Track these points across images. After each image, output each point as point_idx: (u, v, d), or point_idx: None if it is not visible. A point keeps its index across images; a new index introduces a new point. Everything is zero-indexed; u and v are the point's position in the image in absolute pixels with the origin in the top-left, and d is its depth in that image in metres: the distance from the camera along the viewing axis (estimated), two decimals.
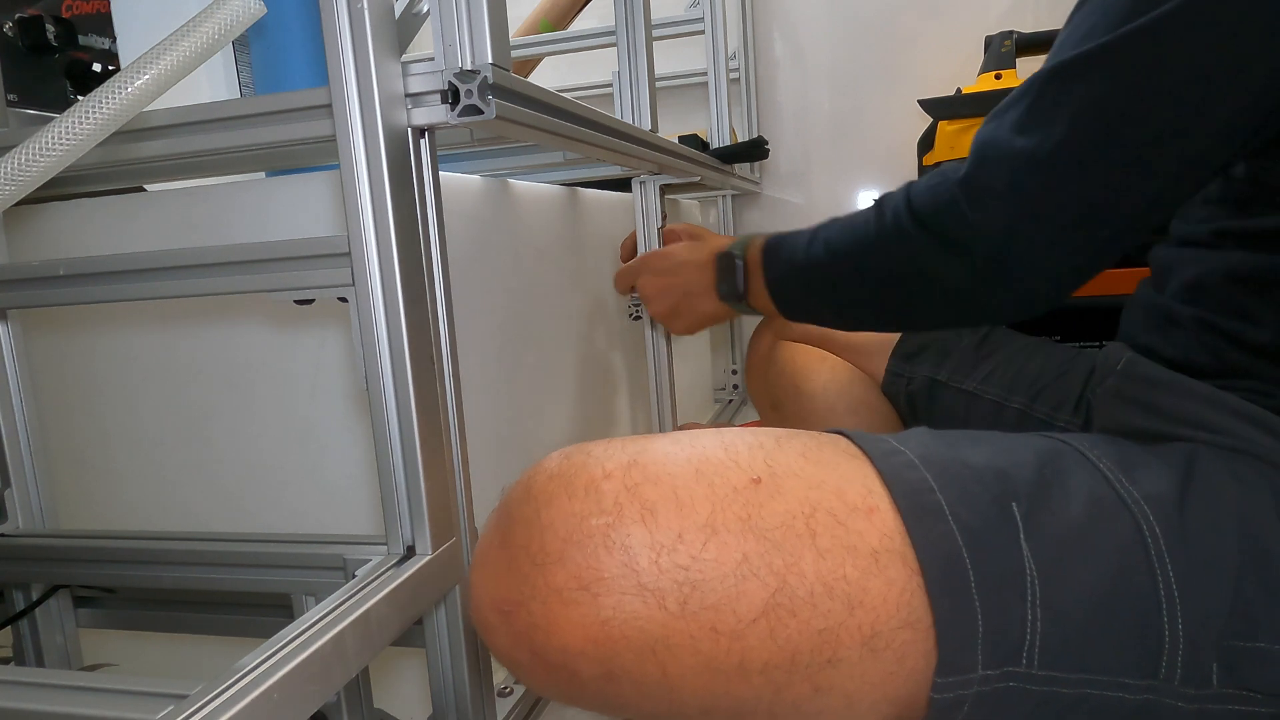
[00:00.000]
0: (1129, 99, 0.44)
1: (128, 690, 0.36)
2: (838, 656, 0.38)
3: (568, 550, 0.38)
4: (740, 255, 0.72)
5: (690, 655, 0.38)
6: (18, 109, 0.67)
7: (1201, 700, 0.38)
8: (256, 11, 0.45)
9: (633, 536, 0.38)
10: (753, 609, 0.37)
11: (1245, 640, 0.38)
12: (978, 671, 0.38)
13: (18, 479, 0.60)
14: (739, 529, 0.38)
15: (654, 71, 0.95)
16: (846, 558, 0.38)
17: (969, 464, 0.42)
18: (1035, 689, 0.38)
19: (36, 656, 0.62)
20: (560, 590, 0.38)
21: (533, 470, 0.43)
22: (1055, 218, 0.48)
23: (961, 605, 0.38)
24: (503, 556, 0.40)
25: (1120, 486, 0.42)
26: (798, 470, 0.41)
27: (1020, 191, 0.48)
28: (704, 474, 0.40)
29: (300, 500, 0.64)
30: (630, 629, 0.37)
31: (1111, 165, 0.46)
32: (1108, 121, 0.45)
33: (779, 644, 0.37)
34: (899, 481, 0.41)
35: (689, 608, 0.37)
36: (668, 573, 0.37)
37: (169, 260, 0.50)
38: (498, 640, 0.41)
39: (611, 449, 0.42)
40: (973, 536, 0.39)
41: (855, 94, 1.73)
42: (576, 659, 0.38)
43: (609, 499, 0.39)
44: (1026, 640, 0.38)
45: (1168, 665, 0.38)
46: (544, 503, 0.40)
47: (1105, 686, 0.38)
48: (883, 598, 0.38)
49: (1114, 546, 0.40)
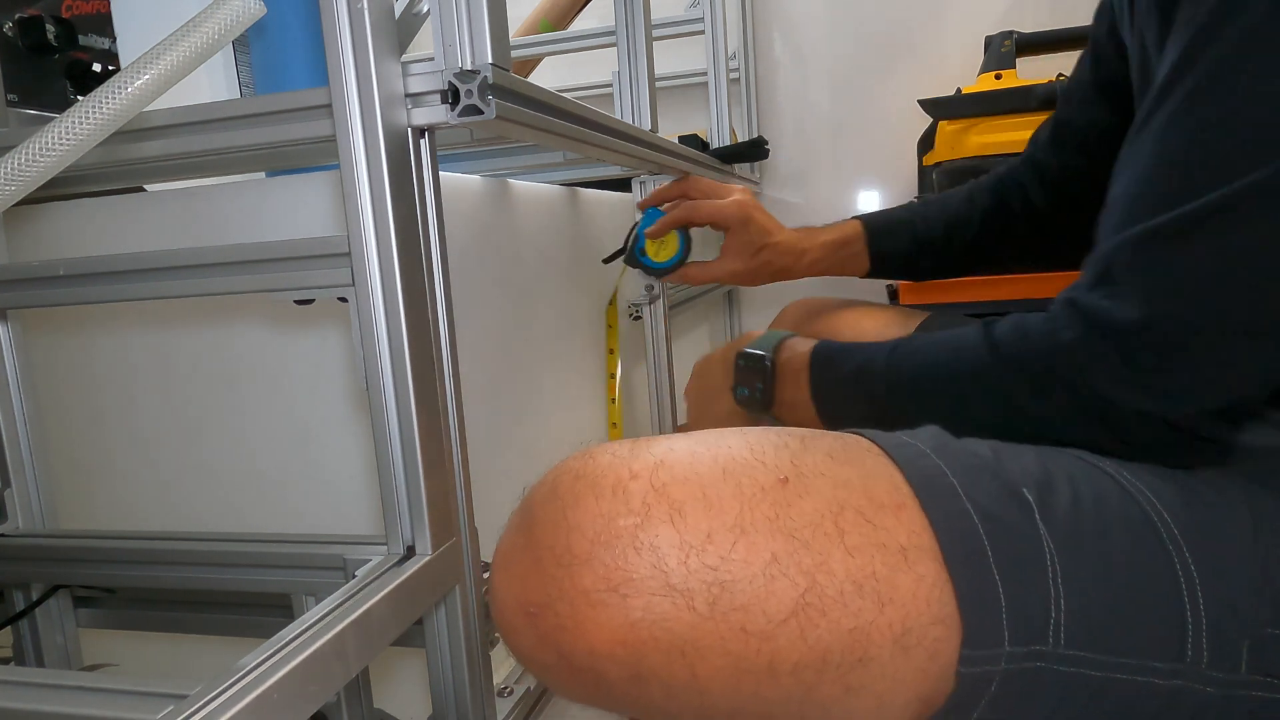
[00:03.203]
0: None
1: (128, 690, 0.36)
2: (869, 655, 0.38)
3: (596, 551, 0.38)
4: (770, 355, 0.64)
5: (720, 656, 0.37)
6: (18, 109, 0.67)
7: (1230, 686, 0.38)
8: (256, 11, 0.45)
9: (661, 537, 0.38)
10: (782, 609, 0.37)
11: (1275, 628, 0.38)
12: (1004, 647, 0.38)
13: (18, 479, 0.60)
14: (768, 529, 0.38)
15: (654, 71, 0.95)
16: (876, 555, 0.38)
17: (978, 454, 0.43)
18: (1063, 670, 0.38)
19: (36, 656, 0.62)
20: (588, 592, 0.38)
21: (557, 470, 0.42)
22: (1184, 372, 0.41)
23: (983, 581, 0.38)
24: (528, 557, 0.40)
25: (1123, 480, 0.42)
26: (824, 470, 0.41)
27: (1136, 367, 0.42)
28: (731, 474, 0.40)
29: (300, 500, 0.64)
30: (659, 630, 0.37)
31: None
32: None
33: (809, 644, 0.37)
34: (912, 469, 0.41)
35: (718, 608, 0.37)
36: (697, 573, 0.37)
37: (169, 260, 0.50)
38: (522, 642, 0.40)
39: (638, 449, 0.42)
40: (988, 516, 0.39)
41: (855, 94, 1.73)
42: (604, 661, 0.38)
43: (637, 499, 0.39)
44: (1052, 617, 0.38)
45: (1194, 647, 0.38)
46: (570, 503, 0.40)
47: (1133, 670, 0.38)
48: (913, 594, 0.38)
49: (1127, 529, 0.40)
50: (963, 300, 1.20)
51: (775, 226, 0.86)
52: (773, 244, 0.85)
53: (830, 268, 0.88)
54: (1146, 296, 0.41)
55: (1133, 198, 0.43)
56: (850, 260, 0.87)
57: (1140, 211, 0.42)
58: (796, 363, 0.62)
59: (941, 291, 1.23)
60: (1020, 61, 1.34)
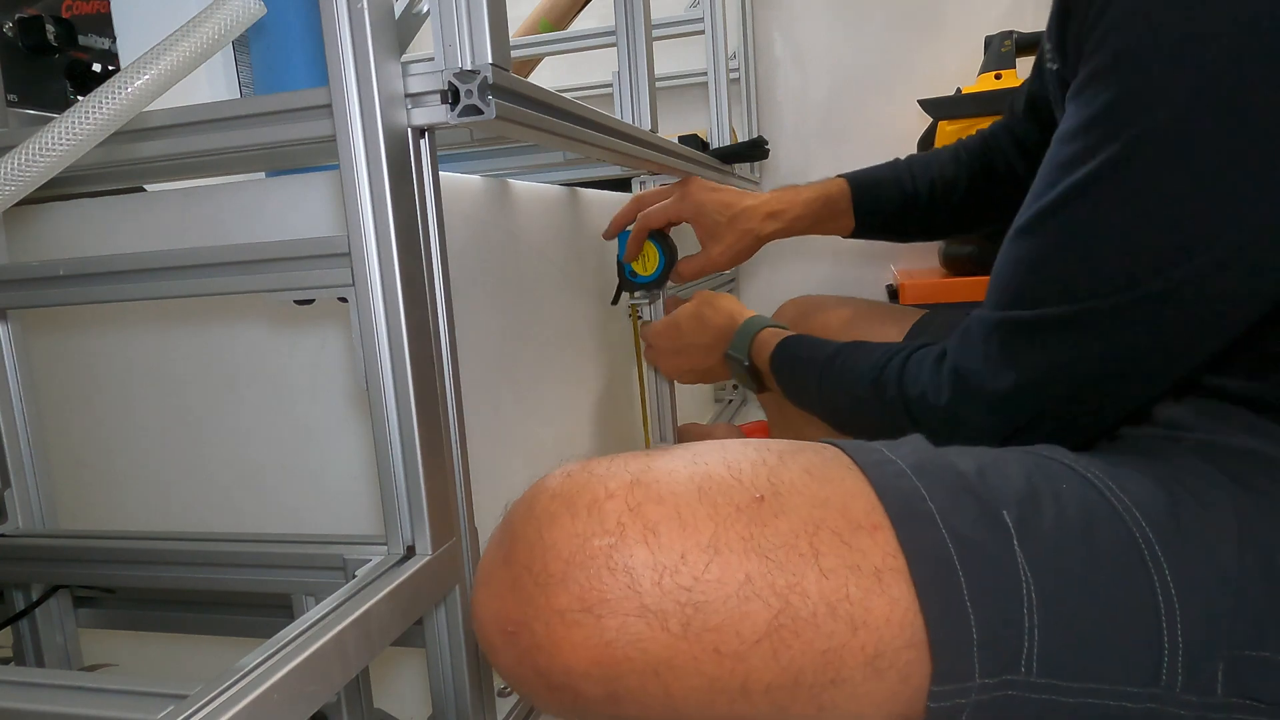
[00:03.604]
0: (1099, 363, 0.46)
1: (128, 690, 0.36)
2: (841, 677, 0.38)
3: (570, 571, 0.38)
4: (746, 360, 0.76)
5: (693, 676, 0.37)
6: (18, 109, 0.67)
7: (1205, 710, 0.38)
8: (256, 11, 0.45)
9: (635, 558, 0.38)
10: (756, 630, 0.37)
11: (1252, 649, 0.38)
12: (975, 680, 0.38)
13: (18, 479, 0.60)
14: (742, 549, 0.38)
15: (654, 71, 0.95)
16: (850, 577, 0.38)
17: (960, 471, 0.42)
18: (1036, 698, 0.38)
19: (36, 656, 0.62)
20: (563, 612, 0.38)
21: (535, 488, 0.42)
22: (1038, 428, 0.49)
23: (955, 613, 0.38)
24: (506, 576, 0.40)
25: (1110, 493, 0.41)
26: (801, 487, 0.41)
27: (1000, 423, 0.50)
28: (707, 493, 0.40)
29: (300, 500, 0.64)
30: (633, 650, 0.37)
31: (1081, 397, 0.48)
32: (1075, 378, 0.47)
33: (782, 665, 0.37)
34: (890, 491, 0.41)
35: (692, 629, 0.37)
36: (670, 594, 0.37)
37: (169, 260, 0.50)
38: (501, 660, 0.41)
39: (614, 467, 0.42)
40: (964, 544, 0.39)
41: (855, 94, 1.73)
42: (580, 680, 0.38)
43: (611, 519, 0.39)
44: (1024, 648, 0.38)
45: (1168, 671, 0.38)
46: (546, 522, 0.40)
47: (1107, 695, 0.38)
48: (886, 618, 0.38)
49: (1108, 551, 0.39)
50: (963, 300, 1.20)
51: (734, 196, 0.86)
52: (742, 211, 0.85)
53: (814, 225, 0.88)
54: (1014, 372, 0.48)
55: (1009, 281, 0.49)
56: (835, 218, 0.87)
57: (1015, 298, 0.48)
58: (765, 365, 0.72)
59: (941, 291, 1.23)
60: (1020, 61, 1.34)
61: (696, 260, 0.88)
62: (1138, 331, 0.44)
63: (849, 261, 1.76)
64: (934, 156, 0.86)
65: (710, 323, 0.81)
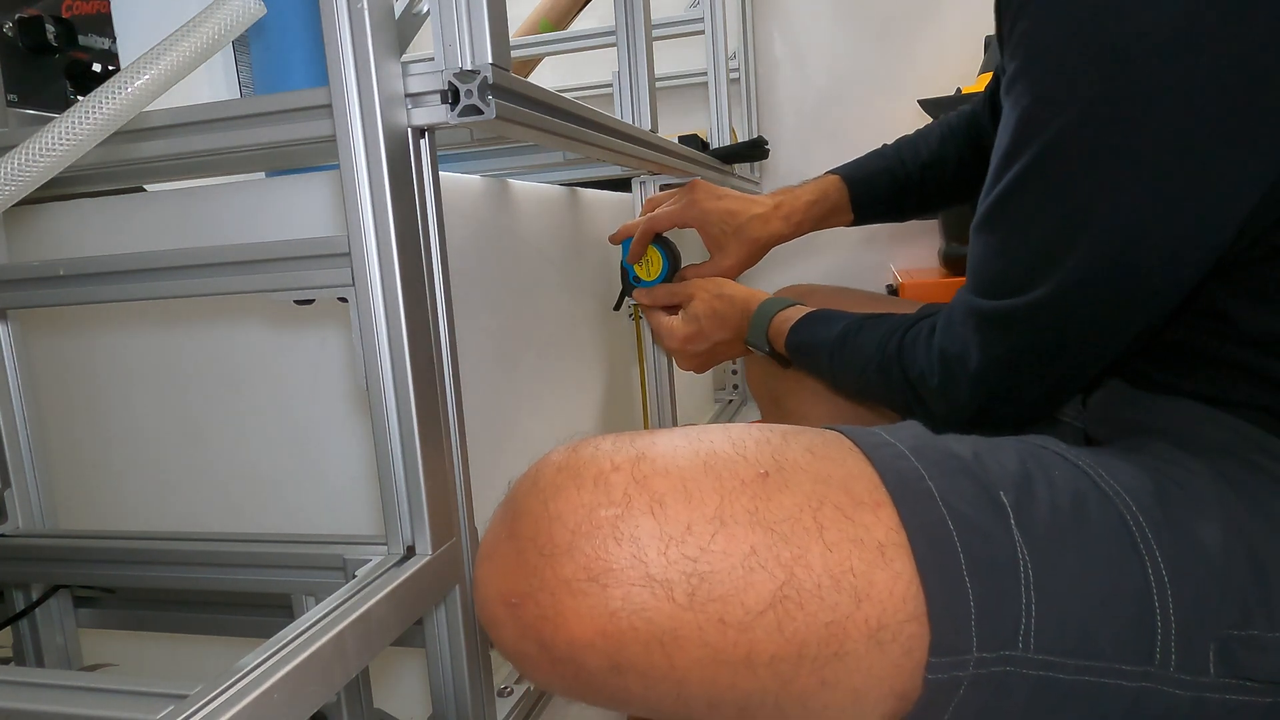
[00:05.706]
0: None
1: (128, 690, 0.36)
2: (844, 649, 0.38)
3: (576, 541, 0.38)
4: (764, 345, 0.77)
5: (698, 647, 0.38)
6: (18, 109, 0.67)
7: (1199, 689, 0.38)
8: (256, 11, 0.45)
9: (641, 528, 0.38)
10: (760, 601, 0.37)
11: (1240, 628, 0.38)
12: (973, 653, 0.38)
13: (18, 479, 0.60)
14: (747, 521, 0.38)
15: (654, 71, 0.95)
16: (853, 551, 0.38)
17: (957, 454, 0.43)
18: (1032, 674, 0.38)
19: (36, 656, 0.62)
20: (569, 581, 0.38)
21: (540, 463, 0.43)
22: (1019, 399, 0.53)
23: (953, 587, 0.38)
24: (510, 548, 0.40)
25: (1100, 479, 0.42)
26: (805, 465, 0.41)
27: (982, 396, 0.53)
28: (712, 467, 0.40)
29: (300, 500, 0.64)
30: (638, 620, 0.37)
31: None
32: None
33: (786, 636, 0.37)
34: (890, 471, 0.41)
35: (697, 599, 0.37)
36: (676, 564, 0.37)
37: (169, 260, 0.50)
38: (504, 634, 0.41)
39: (620, 443, 0.42)
40: (963, 521, 0.39)
41: (855, 94, 1.73)
42: (584, 651, 0.38)
43: (618, 490, 0.39)
44: (1022, 624, 0.38)
45: (1162, 650, 0.38)
46: (552, 494, 0.40)
47: (1102, 673, 0.38)
48: (889, 591, 0.38)
49: (1101, 533, 0.40)
50: None
51: (738, 204, 0.86)
52: (747, 222, 0.86)
53: (815, 226, 0.89)
54: (986, 353, 0.51)
55: (978, 269, 0.52)
56: (834, 215, 0.89)
57: (981, 287, 0.51)
58: (784, 353, 0.74)
59: (941, 291, 1.23)
60: None
61: (705, 270, 0.89)
62: (1083, 312, 0.47)
63: (849, 258, 1.77)
64: (921, 138, 0.88)
65: (728, 318, 0.82)
